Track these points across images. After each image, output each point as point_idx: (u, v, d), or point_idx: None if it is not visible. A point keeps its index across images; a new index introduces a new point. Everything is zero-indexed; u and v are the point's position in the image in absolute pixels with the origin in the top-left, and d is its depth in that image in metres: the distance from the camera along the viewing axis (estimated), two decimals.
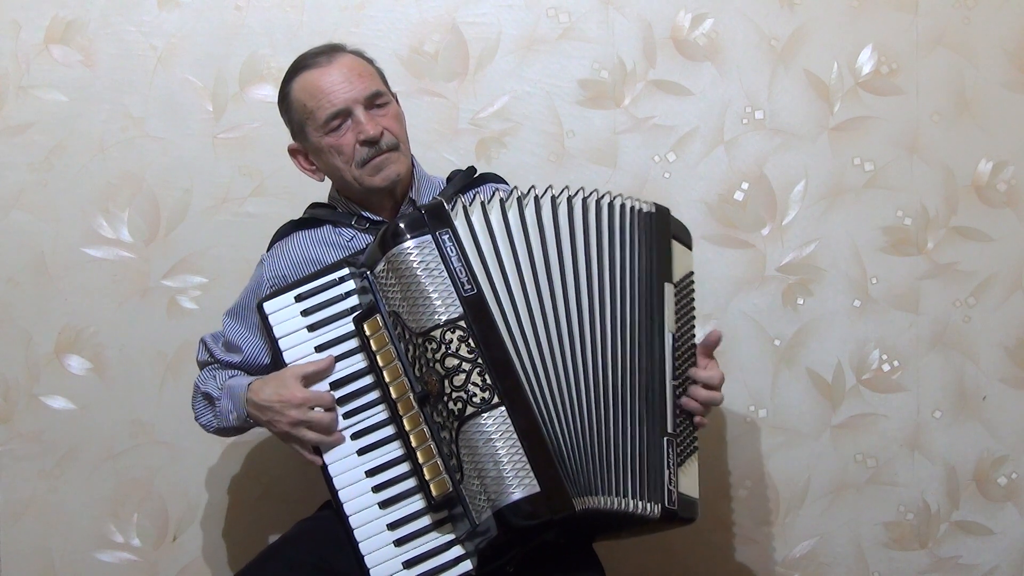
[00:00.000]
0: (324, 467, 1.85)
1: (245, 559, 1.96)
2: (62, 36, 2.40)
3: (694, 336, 1.98)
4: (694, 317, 1.99)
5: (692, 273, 2.01)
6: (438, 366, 1.74)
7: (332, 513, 1.92)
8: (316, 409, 1.84)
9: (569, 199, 1.88)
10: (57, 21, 2.40)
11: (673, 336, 1.90)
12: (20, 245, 2.42)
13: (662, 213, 1.96)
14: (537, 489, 1.70)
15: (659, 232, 1.94)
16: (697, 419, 1.92)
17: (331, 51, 1.98)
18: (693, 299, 2.00)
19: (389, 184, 1.99)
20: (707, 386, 1.92)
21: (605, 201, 1.91)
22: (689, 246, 2.02)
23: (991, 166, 2.47)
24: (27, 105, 2.40)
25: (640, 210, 1.93)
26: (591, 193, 1.91)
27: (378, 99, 1.96)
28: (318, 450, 1.86)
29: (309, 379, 1.86)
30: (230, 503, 2.48)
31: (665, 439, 1.83)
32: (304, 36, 2.40)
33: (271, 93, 2.40)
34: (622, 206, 1.92)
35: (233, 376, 2.00)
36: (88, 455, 2.45)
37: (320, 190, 2.14)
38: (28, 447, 2.44)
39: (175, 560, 2.47)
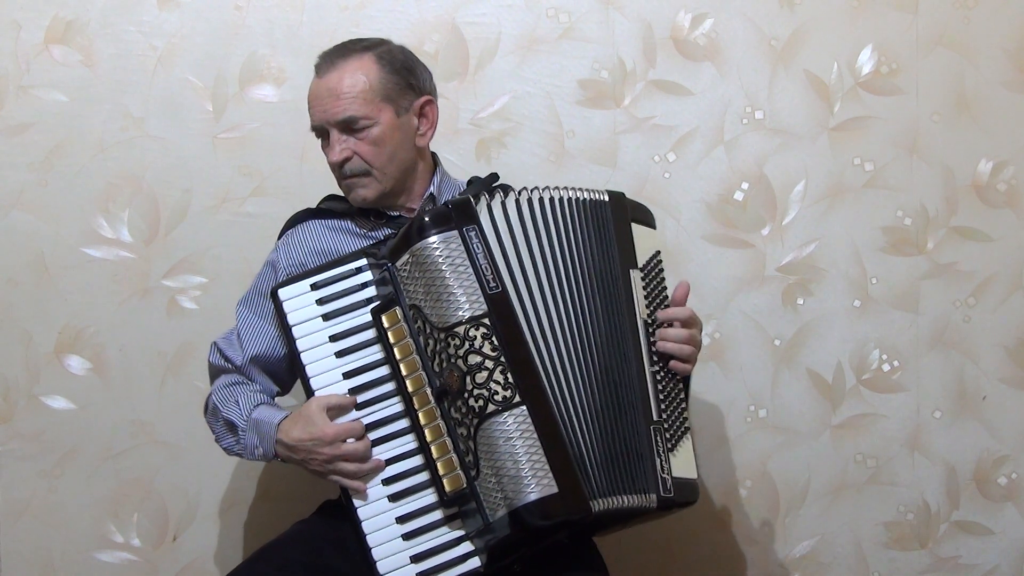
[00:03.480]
0: None
1: (245, 559, 1.96)
2: (62, 36, 2.40)
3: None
4: (667, 296, 1.94)
5: (659, 252, 1.97)
6: (460, 362, 1.74)
7: (330, 514, 1.92)
8: (349, 441, 1.82)
9: (516, 199, 1.86)
10: (57, 21, 2.40)
11: (645, 322, 1.88)
12: (20, 245, 2.42)
13: (616, 199, 1.93)
14: (555, 490, 1.70)
15: (617, 220, 1.91)
16: (672, 363, 1.87)
17: (333, 59, 1.95)
18: (663, 278, 1.96)
19: (359, 205, 1.99)
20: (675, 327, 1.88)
21: (546, 196, 1.87)
22: (652, 225, 1.99)
23: (991, 166, 2.47)
24: (27, 105, 2.40)
25: (586, 200, 1.90)
26: (534, 190, 1.88)
27: (354, 123, 1.92)
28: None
29: (334, 411, 1.84)
30: (230, 503, 2.48)
31: (652, 427, 1.83)
32: (304, 36, 2.40)
33: (271, 93, 2.40)
34: (572, 200, 1.88)
35: (258, 407, 1.95)
36: (88, 455, 2.44)
37: (322, 188, 2.14)
38: (28, 447, 2.44)
39: (175, 560, 2.47)
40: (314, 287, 1.88)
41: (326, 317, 1.87)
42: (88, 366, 2.44)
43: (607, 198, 1.92)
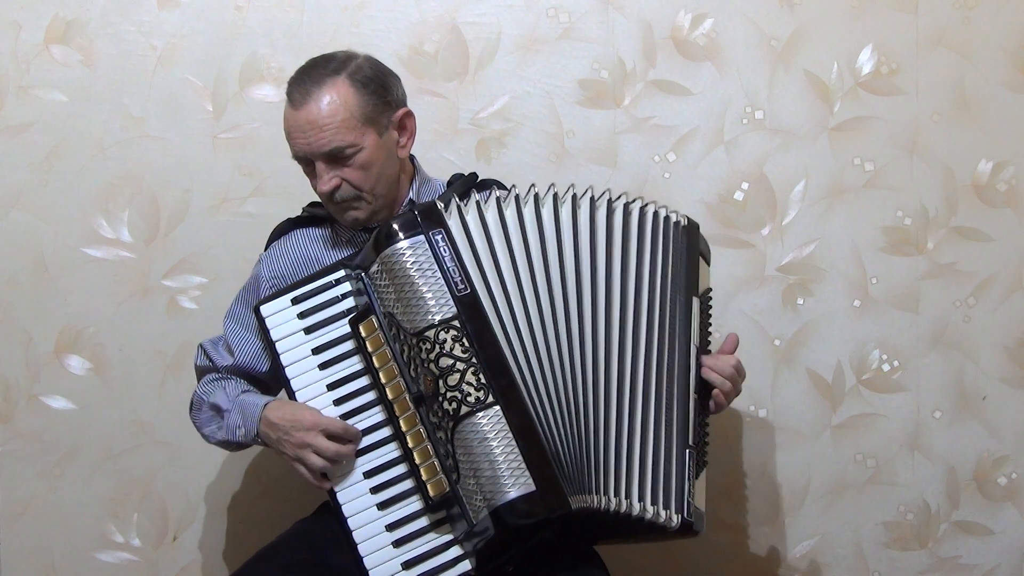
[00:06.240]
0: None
1: (245, 559, 1.96)
2: (62, 36, 2.40)
3: (710, 352, 1.98)
4: (711, 332, 2.00)
5: (711, 289, 2.03)
6: (432, 366, 1.74)
7: (330, 514, 1.92)
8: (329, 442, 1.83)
9: (593, 200, 1.89)
10: (57, 21, 2.40)
11: (696, 349, 1.91)
12: (20, 245, 2.42)
13: (693, 227, 1.97)
14: (533, 488, 1.70)
15: (690, 246, 1.95)
16: (715, 392, 1.91)
17: (307, 87, 1.90)
18: (711, 315, 2.01)
19: (351, 227, 1.99)
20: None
21: (636, 206, 1.91)
22: (709, 262, 2.04)
23: (991, 166, 2.47)
24: (27, 105, 2.40)
25: (676, 222, 1.94)
26: (618, 196, 1.91)
27: (341, 153, 1.90)
28: (326, 476, 1.84)
29: (329, 431, 1.83)
30: (230, 503, 2.48)
31: (687, 451, 1.84)
32: (304, 36, 2.40)
33: (271, 93, 2.40)
34: (665, 218, 1.93)
35: (246, 391, 1.99)
36: (88, 455, 2.45)
37: None
38: (28, 447, 2.44)
39: (175, 560, 2.47)
40: (295, 301, 1.89)
41: (308, 330, 1.88)
42: (88, 366, 2.44)
43: (687, 223, 1.96)
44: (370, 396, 1.85)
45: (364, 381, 1.85)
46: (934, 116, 2.46)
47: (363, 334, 1.82)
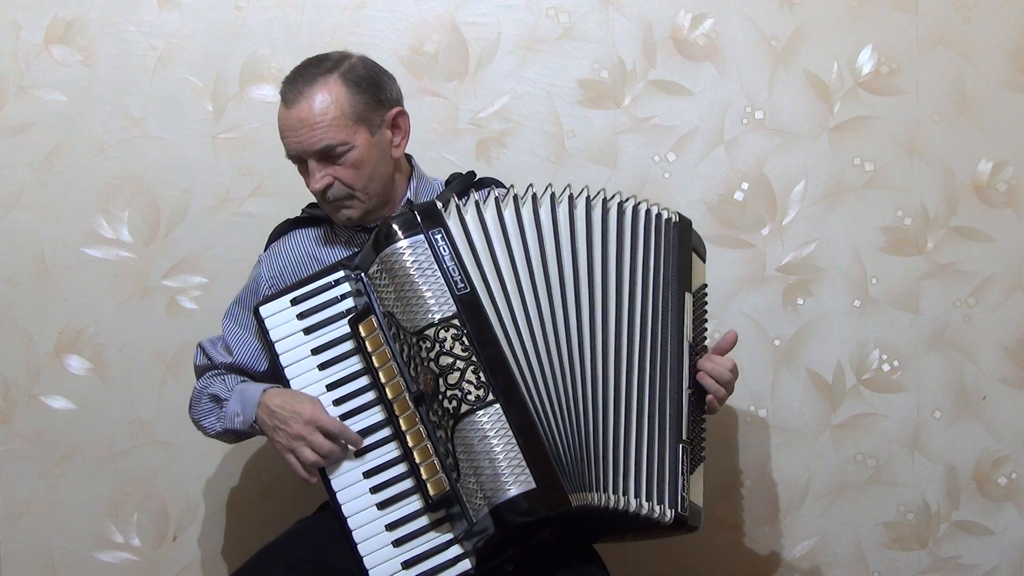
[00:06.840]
0: (322, 468, 1.85)
1: (245, 559, 1.96)
2: (62, 36, 2.40)
3: (706, 348, 1.99)
4: (706, 328, 2.00)
5: (706, 285, 2.03)
6: (432, 365, 1.75)
7: (331, 513, 1.92)
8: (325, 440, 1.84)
9: (589, 199, 1.90)
10: (57, 21, 2.40)
11: (689, 345, 1.91)
12: (20, 245, 2.42)
13: (685, 223, 1.98)
14: (533, 485, 1.71)
15: (682, 242, 1.95)
16: (709, 397, 1.91)
17: (299, 87, 1.92)
18: (706, 311, 2.01)
19: (345, 226, 2.00)
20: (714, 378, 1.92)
21: (629, 205, 1.92)
22: (704, 258, 2.04)
23: (991, 166, 2.47)
24: (27, 105, 2.40)
25: (668, 219, 1.95)
26: (613, 195, 1.92)
27: (332, 151, 1.91)
28: (322, 472, 1.85)
29: (327, 429, 1.84)
30: (230, 502, 2.48)
31: (681, 446, 1.84)
32: (304, 36, 2.41)
33: (271, 93, 2.40)
34: (657, 215, 1.94)
35: (245, 381, 2.00)
36: (88, 455, 2.45)
37: None
38: (28, 447, 2.44)
39: (175, 560, 2.47)
40: (294, 302, 1.90)
41: (307, 331, 1.89)
42: (88, 366, 2.44)
43: (678, 219, 1.96)
44: (370, 396, 1.85)
45: (364, 381, 1.86)
46: (934, 116, 2.47)
47: (362, 334, 1.83)
